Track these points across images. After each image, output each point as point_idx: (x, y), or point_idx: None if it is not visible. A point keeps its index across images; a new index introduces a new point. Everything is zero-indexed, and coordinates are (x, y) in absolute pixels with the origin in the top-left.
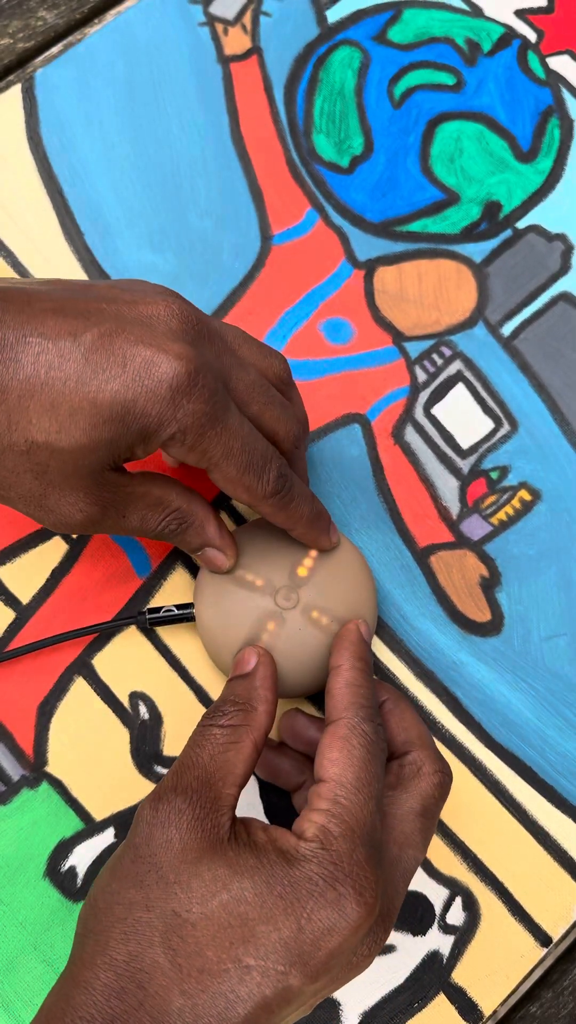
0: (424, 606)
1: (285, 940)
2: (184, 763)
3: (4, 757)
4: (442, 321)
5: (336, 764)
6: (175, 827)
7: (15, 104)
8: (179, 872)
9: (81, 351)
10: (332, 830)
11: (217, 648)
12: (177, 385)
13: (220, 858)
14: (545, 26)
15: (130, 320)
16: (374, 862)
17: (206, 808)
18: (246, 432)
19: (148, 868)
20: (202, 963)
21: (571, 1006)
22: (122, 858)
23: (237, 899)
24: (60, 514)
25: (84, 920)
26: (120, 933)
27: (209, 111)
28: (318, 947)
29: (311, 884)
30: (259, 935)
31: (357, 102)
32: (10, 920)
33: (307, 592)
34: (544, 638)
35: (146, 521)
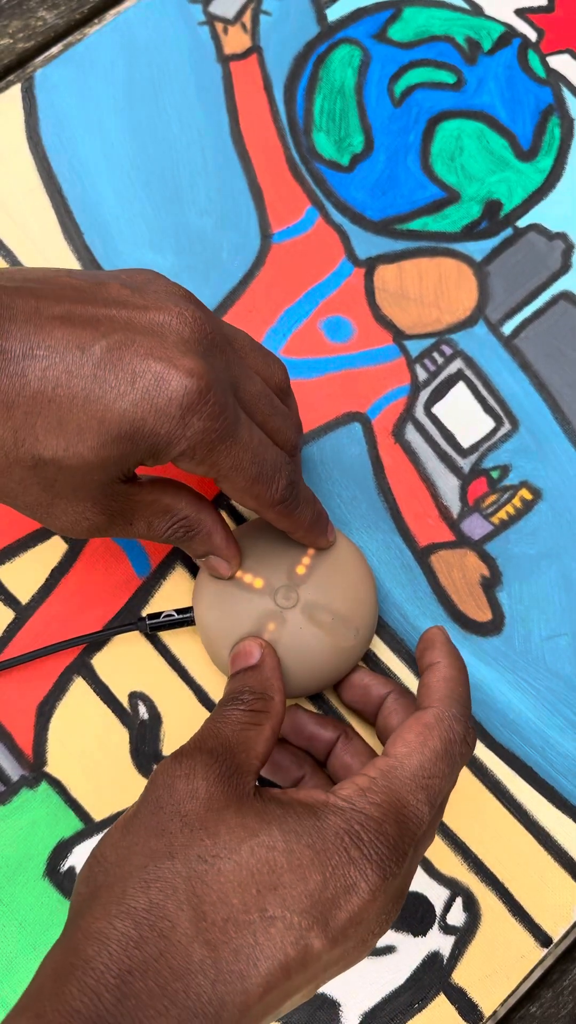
0: (424, 606)
1: (310, 891)
2: (205, 732)
3: (3, 757)
4: (443, 320)
5: (407, 745)
6: (201, 778)
7: (15, 104)
8: (205, 819)
9: (90, 366)
10: (370, 796)
11: (218, 650)
12: (188, 404)
13: (248, 807)
14: (545, 25)
15: (140, 329)
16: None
17: (231, 768)
18: (256, 443)
19: (171, 816)
20: (227, 912)
21: (571, 1006)
22: (138, 813)
23: (266, 845)
24: (67, 521)
25: (88, 879)
26: (139, 881)
27: (209, 110)
28: (339, 906)
29: (337, 838)
30: (286, 884)
31: (357, 100)
32: (9, 920)
33: (306, 591)
34: (545, 638)
35: (153, 527)
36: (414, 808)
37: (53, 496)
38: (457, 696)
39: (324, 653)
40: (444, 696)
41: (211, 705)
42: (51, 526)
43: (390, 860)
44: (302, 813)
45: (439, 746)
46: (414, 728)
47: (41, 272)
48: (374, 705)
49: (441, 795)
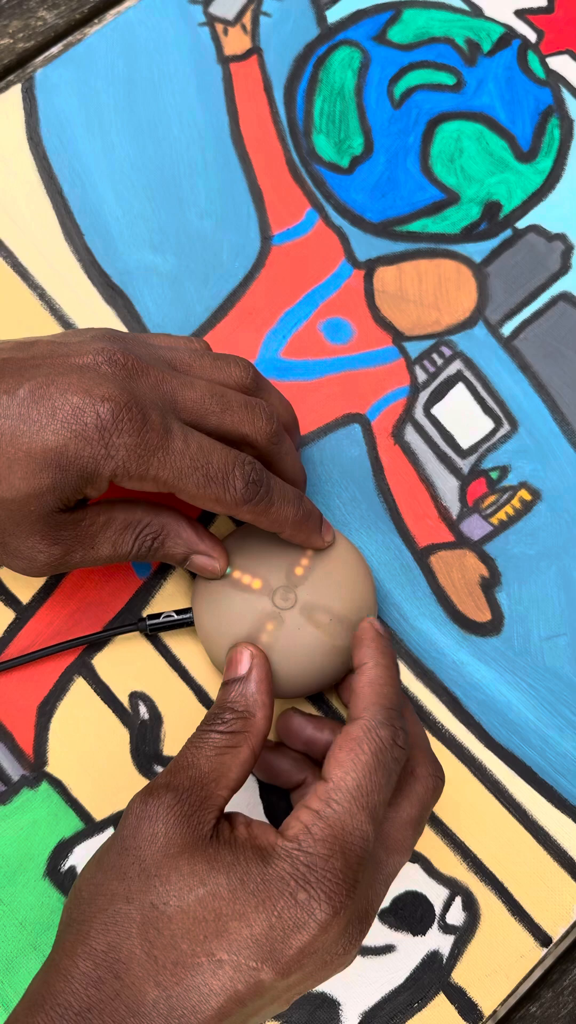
0: (424, 606)
1: (256, 936)
2: (179, 763)
3: (4, 757)
4: (442, 321)
5: (341, 766)
6: (161, 822)
7: (15, 104)
8: (160, 866)
9: (15, 406)
10: (315, 832)
11: (217, 651)
12: (103, 424)
13: (200, 854)
14: (545, 26)
15: (62, 371)
16: (351, 872)
17: (194, 806)
18: (194, 449)
19: (132, 860)
20: (176, 956)
21: (571, 1006)
22: (109, 850)
23: (212, 894)
24: (24, 558)
25: (68, 909)
26: (100, 923)
27: (209, 111)
28: (288, 944)
29: (282, 883)
30: (231, 930)
31: (357, 102)
32: (10, 920)
33: (305, 591)
34: (544, 638)
35: (119, 546)
36: (358, 832)
37: (2, 534)
38: (382, 699)
39: (322, 654)
40: (369, 703)
41: (211, 705)
42: (13, 566)
43: (339, 893)
44: (251, 859)
45: (370, 759)
46: (344, 746)
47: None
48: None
49: (381, 807)
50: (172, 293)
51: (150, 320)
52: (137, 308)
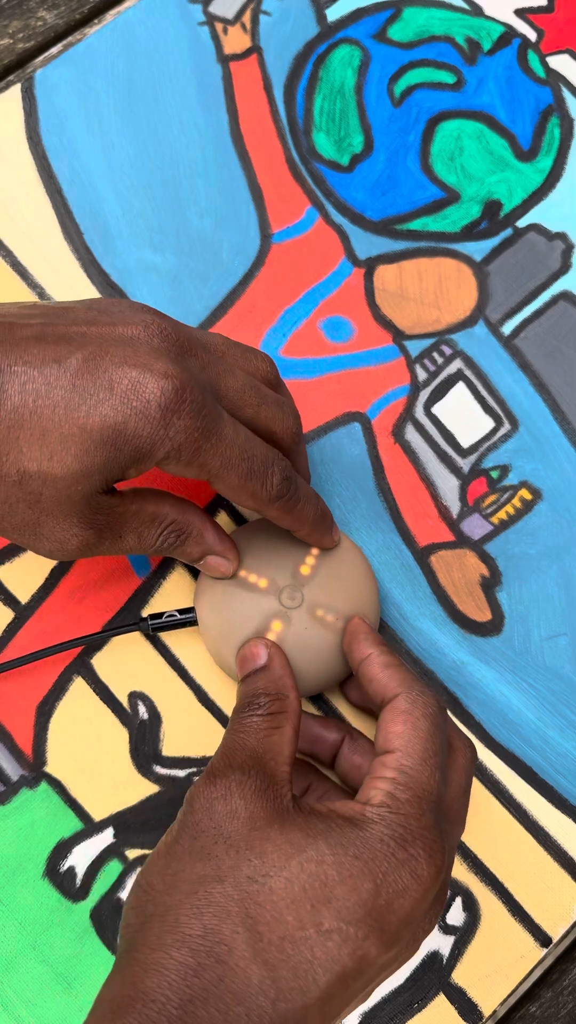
0: (424, 606)
1: (364, 901)
2: (230, 747)
3: (3, 757)
4: (442, 320)
5: (401, 736)
6: (239, 796)
7: (15, 104)
8: (250, 839)
9: (68, 376)
10: (399, 796)
11: (222, 650)
12: (166, 404)
13: (290, 823)
14: (545, 25)
15: (112, 341)
16: (440, 828)
17: (265, 781)
18: (243, 439)
19: (214, 840)
20: (283, 930)
21: (571, 1006)
22: (179, 839)
23: (315, 860)
24: (55, 541)
25: (137, 908)
26: (191, 908)
27: (209, 110)
28: (392, 910)
29: (383, 845)
30: (338, 896)
31: (357, 100)
32: (9, 920)
33: (311, 591)
34: (544, 638)
35: (143, 539)
36: (437, 788)
37: (39, 514)
38: (408, 676)
39: (329, 652)
40: (399, 680)
41: (211, 705)
42: (39, 549)
43: (438, 849)
44: (344, 825)
45: (427, 724)
46: (397, 719)
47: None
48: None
49: (445, 766)
50: (172, 292)
51: None
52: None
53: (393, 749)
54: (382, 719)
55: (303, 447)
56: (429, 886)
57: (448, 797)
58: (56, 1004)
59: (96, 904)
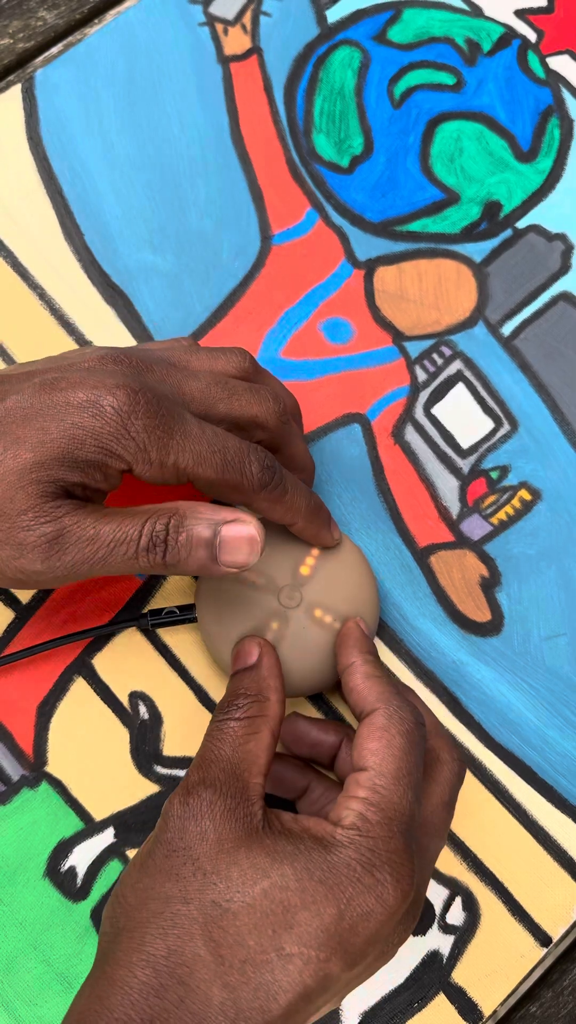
0: (424, 606)
1: (326, 926)
2: (206, 757)
3: (4, 757)
4: (442, 321)
5: (375, 754)
6: (208, 818)
7: (15, 104)
8: (216, 862)
9: (27, 398)
10: (370, 817)
11: (220, 649)
12: (121, 408)
13: (257, 846)
14: (545, 26)
15: (69, 371)
16: (411, 850)
17: (236, 799)
18: (211, 434)
19: (183, 860)
20: (244, 953)
21: (571, 1006)
22: (152, 854)
23: (279, 886)
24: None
25: (112, 918)
26: (157, 928)
27: (209, 111)
28: (356, 932)
29: (349, 869)
30: (301, 922)
31: (357, 102)
32: (10, 920)
33: (310, 591)
34: (544, 638)
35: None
36: (409, 811)
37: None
38: (388, 688)
39: (327, 653)
40: (379, 694)
41: (211, 705)
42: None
43: (405, 873)
44: (312, 848)
45: (403, 742)
46: (373, 734)
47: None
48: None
49: (419, 786)
50: (172, 293)
51: (150, 320)
52: (137, 308)
53: (367, 767)
54: (359, 733)
55: (294, 429)
56: (395, 909)
57: (427, 811)
58: (56, 1004)
59: (97, 904)
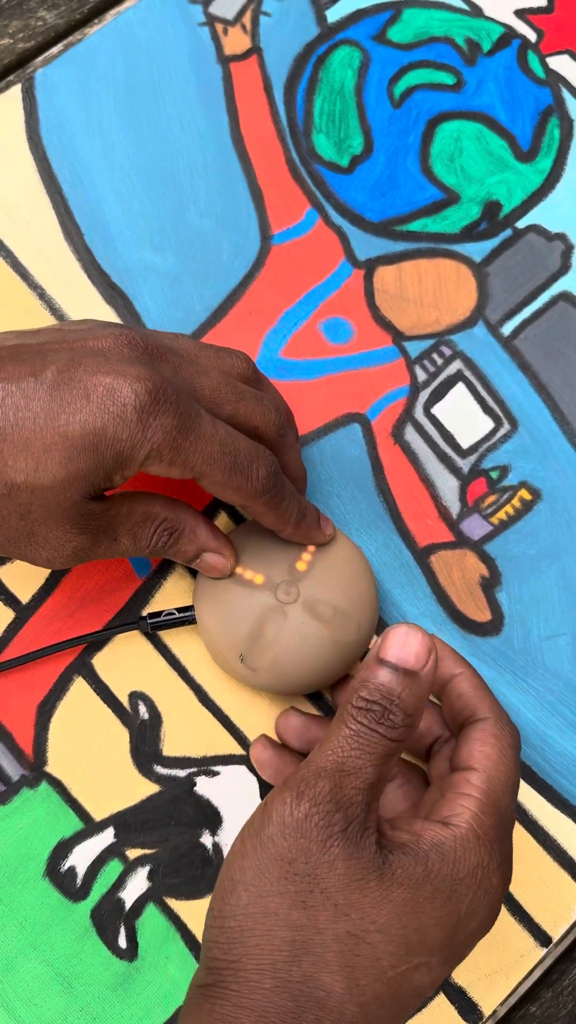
0: (424, 606)
1: (448, 936)
2: (345, 766)
3: (4, 757)
4: (442, 321)
5: (489, 759)
6: (339, 845)
7: (15, 104)
8: (348, 894)
9: (44, 388)
10: (486, 820)
11: (220, 648)
12: (141, 405)
13: (388, 875)
14: (545, 26)
15: (84, 353)
16: (511, 852)
17: (363, 826)
18: (223, 434)
19: (309, 888)
20: (378, 972)
21: (571, 1006)
22: (265, 872)
23: (411, 912)
24: (51, 548)
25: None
26: (289, 954)
27: (209, 111)
28: (467, 936)
29: (472, 879)
30: (430, 937)
31: (357, 102)
32: (9, 920)
33: (307, 586)
34: (544, 638)
35: (137, 538)
36: (512, 817)
37: (31, 524)
38: (497, 703)
39: (326, 648)
40: (492, 704)
41: (211, 705)
42: (35, 559)
43: (507, 876)
44: (437, 865)
45: (513, 754)
46: (487, 740)
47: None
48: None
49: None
50: (172, 293)
51: (150, 320)
52: (137, 308)
53: (479, 768)
54: (468, 735)
55: (291, 439)
56: (497, 909)
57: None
58: (56, 1004)
59: (96, 904)
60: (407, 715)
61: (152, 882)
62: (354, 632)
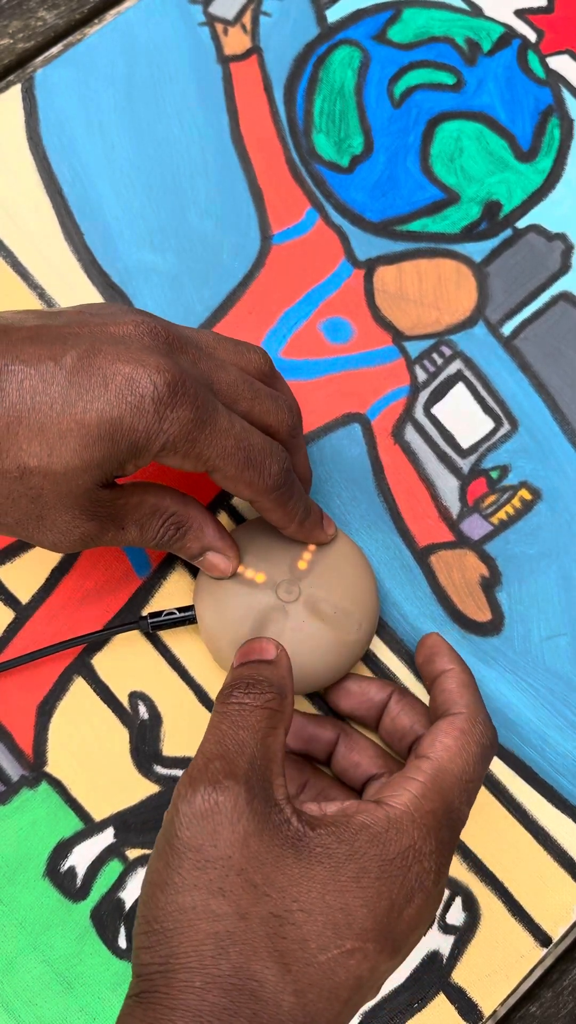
0: (424, 606)
1: (380, 920)
2: (227, 745)
3: (4, 757)
4: (442, 320)
5: (448, 750)
6: (246, 821)
7: (15, 104)
8: (266, 873)
9: (63, 374)
10: (425, 805)
11: (221, 647)
12: (159, 397)
13: (306, 852)
14: (545, 26)
15: (105, 340)
16: (452, 844)
17: (267, 798)
18: (238, 429)
19: (225, 872)
20: (308, 956)
21: (571, 1006)
22: (178, 869)
23: (335, 890)
24: (59, 532)
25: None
26: (214, 948)
27: (209, 111)
28: (403, 922)
29: (403, 860)
30: (359, 919)
31: (357, 101)
32: (9, 920)
33: (308, 585)
34: (544, 638)
35: (145, 530)
36: (459, 811)
37: (41, 507)
38: (477, 700)
39: (327, 647)
40: (470, 702)
41: (211, 705)
42: (42, 542)
43: (445, 864)
44: (363, 842)
45: (477, 751)
46: (451, 732)
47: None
48: (376, 709)
49: (474, 798)
50: (172, 293)
51: None
52: (137, 308)
53: (432, 757)
54: (437, 727)
55: (301, 441)
56: (435, 898)
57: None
58: (56, 1004)
59: (96, 904)
60: (270, 684)
61: None
62: (355, 631)
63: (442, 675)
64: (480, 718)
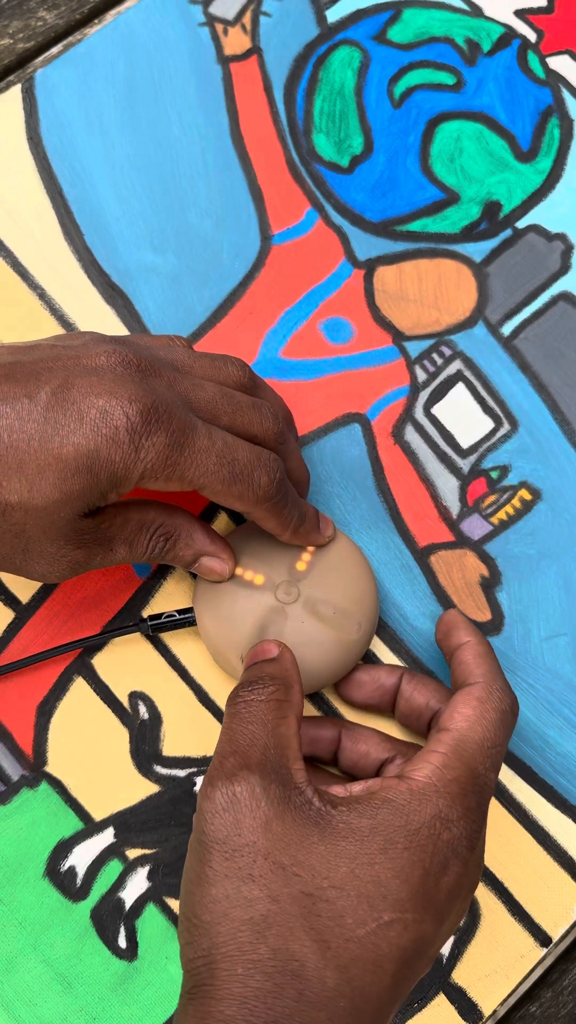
0: (424, 606)
1: (415, 889)
2: (238, 740)
3: (4, 757)
4: (442, 321)
5: (467, 719)
6: (266, 806)
7: (15, 104)
8: (293, 854)
9: (39, 410)
10: (448, 774)
11: (220, 649)
12: (133, 427)
13: (330, 829)
14: (545, 26)
15: (78, 372)
16: (482, 810)
17: (287, 782)
18: (220, 446)
19: (252, 858)
20: (346, 932)
21: (571, 1006)
22: (208, 862)
23: (366, 863)
24: (46, 564)
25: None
26: (252, 933)
27: (209, 111)
28: (440, 889)
29: (430, 829)
30: (393, 890)
31: (357, 102)
32: (9, 920)
33: (307, 586)
34: (544, 638)
35: (134, 547)
36: (484, 776)
37: (26, 541)
38: (494, 668)
39: (327, 647)
40: (486, 671)
41: (211, 705)
42: (31, 574)
43: (477, 830)
44: (387, 815)
45: (496, 716)
46: (469, 702)
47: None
48: (390, 695)
49: (500, 763)
50: (172, 293)
51: (150, 320)
52: (137, 308)
53: (453, 728)
54: (455, 700)
55: (293, 445)
56: (468, 860)
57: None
58: (56, 1004)
59: (96, 904)
60: (272, 678)
61: (152, 882)
62: (355, 631)
63: (459, 648)
64: (497, 685)
